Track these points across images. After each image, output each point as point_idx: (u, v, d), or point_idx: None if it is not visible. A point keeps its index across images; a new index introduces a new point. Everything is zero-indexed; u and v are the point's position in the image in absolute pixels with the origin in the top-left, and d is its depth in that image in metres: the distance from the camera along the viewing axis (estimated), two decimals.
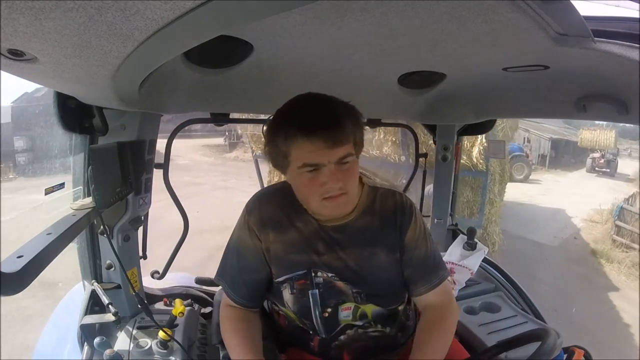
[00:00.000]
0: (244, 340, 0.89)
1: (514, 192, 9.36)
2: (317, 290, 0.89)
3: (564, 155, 16.06)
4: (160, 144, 1.19)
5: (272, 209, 0.92)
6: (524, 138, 15.33)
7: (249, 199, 0.97)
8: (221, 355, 1.14)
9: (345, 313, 0.91)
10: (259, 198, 0.96)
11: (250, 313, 0.96)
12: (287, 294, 0.92)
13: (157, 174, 1.18)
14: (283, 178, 0.94)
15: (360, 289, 0.90)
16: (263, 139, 0.88)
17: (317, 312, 0.90)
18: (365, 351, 0.94)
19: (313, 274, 0.89)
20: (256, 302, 0.98)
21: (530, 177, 12.80)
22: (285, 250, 0.90)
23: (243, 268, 0.93)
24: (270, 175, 6.01)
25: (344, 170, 0.79)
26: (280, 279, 0.92)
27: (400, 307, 0.97)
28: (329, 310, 0.91)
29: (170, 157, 1.25)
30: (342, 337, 0.93)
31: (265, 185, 6.03)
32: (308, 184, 0.80)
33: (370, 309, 0.92)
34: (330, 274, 0.90)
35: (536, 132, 15.88)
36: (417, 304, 0.99)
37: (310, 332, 0.95)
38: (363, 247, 0.90)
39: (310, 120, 0.76)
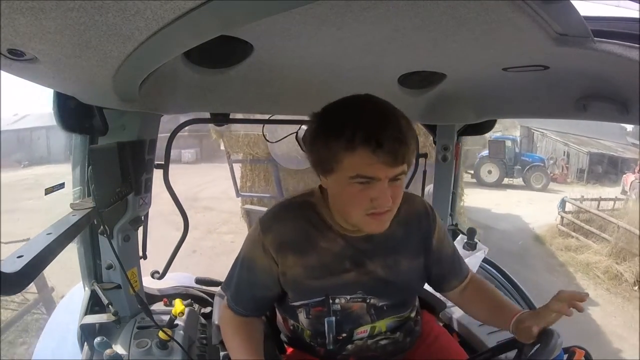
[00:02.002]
0: (244, 341, 0.88)
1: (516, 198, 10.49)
2: (333, 318, 0.86)
3: (605, 171, 15.89)
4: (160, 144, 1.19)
5: (292, 229, 0.85)
6: (564, 152, 15.78)
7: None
8: (221, 355, 1.14)
9: (361, 336, 0.91)
10: (276, 215, 0.88)
11: (253, 318, 0.94)
12: (302, 317, 0.90)
13: (157, 174, 1.18)
14: (257, 183, 0.93)
15: (386, 300, 0.89)
16: (239, 142, 0.87)
17: (331, 337, 0.87)
18: (372, 357, 0.94)
19: (331, 301, 0.86)
20: (261, 313, 0.96)
21: (555, 189, 13.00)
22: (305, 275, 0.85)
23: (253, 284, 0.89)
24: (243, 181, 5.91)
25: (394, 187, 0.74)
26: (296, 304, 0.88)
27: (412, 314, 0.98)
28: (344, 335, 0.89)
29: None
30: (349, 346, 0.92)
31: (239, 188, 5.85)
32: (356, 195, 0.74)
33: (384, 323, 0.92)
34: (350, 297, 0.87)
35: (576, 146, 15.96)
36: (448, 297, 1.02)
37: (315, 344, 0.94)
38: (387, 255, 0.88)
39: (379, 133, 0.69)
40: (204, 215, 7.78)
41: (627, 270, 6.41)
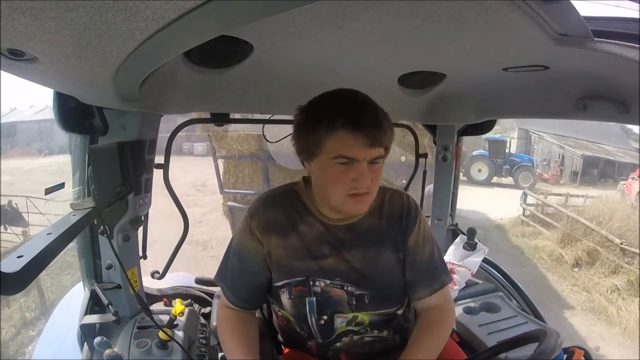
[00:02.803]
0: (240, 340, 0.89)
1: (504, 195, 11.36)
2: (314, 298, 0.89)
3: (601, 174, 16.22)
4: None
5: (276, 213, 0.91)
6: (559, 154, 16.36)
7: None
8: (219, 356, 1.14)
9: (340, 320, 0.92)
10: (262, 201, 0.95)
11: (248, 315, 0.96)
12: (285, 298, 0.92)
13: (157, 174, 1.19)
14: (239, 178, 0.95)
15: (365, 291, 0.89)
16: (226, 138, 0.89)
17: (313, 319, 0.90)
18: (362, 355, 0.95)
19: (311, 282, 0.89)
20: (255, 304, 0.98)
21: (545, 188, 13.31)
22: (287, 256, 0.90)
23: (244, 271, 0.93)
24: (226, 177, 5.89)
25: (373, 170, 0.81)
26: (279, 284, 0.92)
27: (400, 311, 0.97)
28: (325, 317, 0.91)
29: None
30: (338, 344, 0.94)
31: (224, 185, 5.82)
32: (337, 176, 0.80)
33: (367, 316, 0.92)
34: (329, 282, 0.89)
35: (571, 149, 16.40)
36: (415, 307, 0.99)
37: (307, 335, 0.95)
38: (369, 247, 0.90)
39: (358, 115, 0.77)
40: (211, 197, 9.01)
41: (568, 253, 7.30)
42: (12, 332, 4.63)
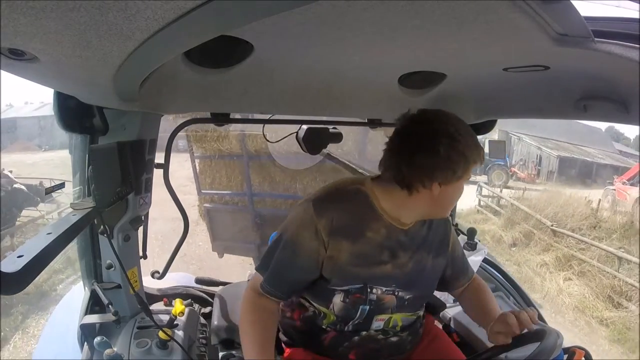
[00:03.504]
0: (260, 336, 0.88)
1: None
2: (368, 307, 0.91)
3: (578, 174, 17.14)
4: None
5: (345, 216, 0.88)
6: (536, 155, 17.37)
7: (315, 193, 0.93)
8: (220, 355, 1.14)
9: (377, 323, 0.94)
10: (330, 199, 0.91)
11: (275, 305, 0.94)
12: (337, 300, 0.91)
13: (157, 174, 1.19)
14: (216, 179, 0.92)
15: (410, 294, 0.94)
16: (206, 136, 0.89)
17: (356, 322, 0.92)
18: (372, 353, 0.96)
19: (369, 289, 0.90)
20: (289, 296, 0.97)
21: (520, 186, 13.90)
22: (350, 262, 0.88)
23: (293, 265, 0.89)
24: (202, 177, 5.59)
25: None
26: (337, 288, 0.90)
27: (421, 314, 1.02)
28: (365, 318, 0.93)
29: None
30: (356, 337, 0.94)
31: (201, 186, 5.55)
32: (460, 192, 0.90)
33: (400, 317, 0.96)
34: (385, 289, 0.91)
35: (548, 150, 17.27)
36: (452, 293, 1.12)
37: (327, 329, 0.95)
38: (417, 251, 0.94)
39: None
40: None
41: (507, 235, 8.53)
42: (44, 276, 5.53)
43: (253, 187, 5.13)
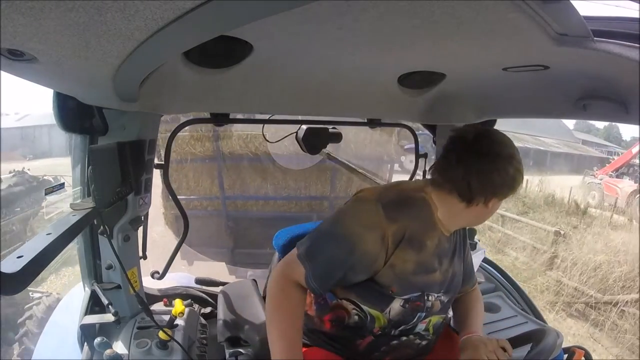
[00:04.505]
0: (290, 329, 0.85)
1: None
2: (424, 313, 0.93)
3: (534, 163, 17.88)
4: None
5: (412, 224, 0.87)
6: None
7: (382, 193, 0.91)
8: (227, 353, 1.13)
9: (422, 326, 0.96)
10: (402, 207, 0.88)
11: (305, 295, 0.90)
12: (396, 305, 0.90)
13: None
14: (183, 183, 0.89)
15: (447, 297, 0.98)
16: (177, 139, 0.88)
17: (408, 326, 0.93)
18: (404, 357, 0.98)
19: (426, 297, 0.92)
20: (326, 291, 0.94)
21: None
22: (412, 271, 0.88)
23: (345, 265, 0.85)
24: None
25: None
26: (399, 297, 0.89)
27: (446, 315, 1.03)
28: (413, 323, 0.94)
29: None
30: (394, 342, 0.94)
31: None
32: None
33: (436, 320, 0.98)
34: (437, 295, 0.94)
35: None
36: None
37: (365, 333, 0.94)
38: (452, 257, 0.99)
39: None
40: None
41: None
42: None
43: (228, 190, 4.95)
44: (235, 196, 4.96)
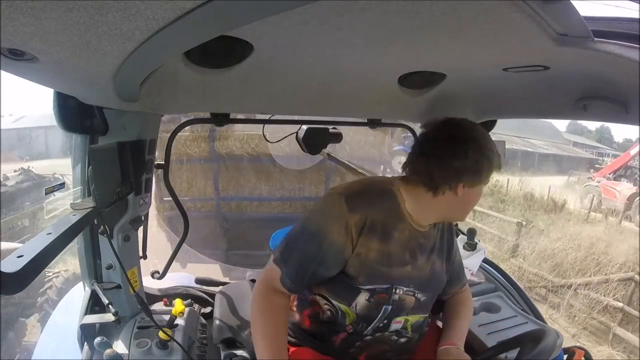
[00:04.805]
0: (274, 334, 0.87)
1: None
2: (390, 307, 0.92)
3: (522, 165, 18.09)
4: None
5: (377, 214, 0.88)
6: None
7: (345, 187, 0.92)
8: (222, 355, 1.14)
9: (396, 325, 0.95)
10: (364, 197, 0.90)
11: (288, 300, 0.93)
12: (362, 299, 0.91)
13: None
14: (177, 185, 0.89)
15: (425, 295, 0.97)
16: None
17: (376, 322, 0.93)
18: (382, 353, 0.97)
19: (394, 290, 0.91)
20: (303, 290, 0.97)
21: None
22: (378, 261, 0.89)
23: (316, 260, 0.87)
24: (160, 184, 4.90)
25: None
26: (364, 287, 0.90)
27: (428, 314, 1.03)
28: (385, 321, 0.94)
29: None
30: (368, 337, 0.94)
31: (163, 193, 4.94)
32: (479, 197, 0.94)
33: (415, 319, 0.97)
34: (406, 289, 0.93)
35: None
36: (445, 298, 1.12)
37: (339, 329, 0.95)
38: (430, 253, 0.98)
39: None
40: None
41: None
42: None
43: (223, 190, 4.96)
44: (229, 197, 4.95)
